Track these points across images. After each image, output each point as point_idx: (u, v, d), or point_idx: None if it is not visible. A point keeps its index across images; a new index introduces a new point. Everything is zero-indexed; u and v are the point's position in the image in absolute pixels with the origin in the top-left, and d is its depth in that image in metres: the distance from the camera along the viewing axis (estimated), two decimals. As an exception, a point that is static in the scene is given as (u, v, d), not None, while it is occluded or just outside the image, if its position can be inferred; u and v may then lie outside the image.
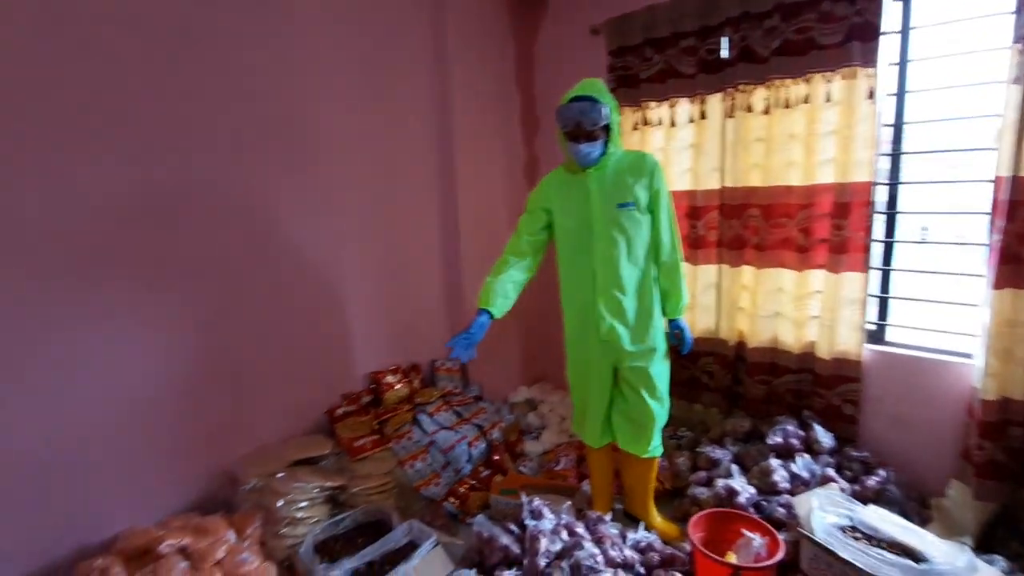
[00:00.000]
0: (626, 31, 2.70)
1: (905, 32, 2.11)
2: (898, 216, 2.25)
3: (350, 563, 1.78)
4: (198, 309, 2.06)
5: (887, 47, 2.09)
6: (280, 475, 2.02)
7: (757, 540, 1.78)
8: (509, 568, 1.76)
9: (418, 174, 2.83)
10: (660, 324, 2.03)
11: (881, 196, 2.22)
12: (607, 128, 1.87)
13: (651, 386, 2.00)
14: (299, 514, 1.96)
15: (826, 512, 1.66)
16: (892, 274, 2.29)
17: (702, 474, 2.30)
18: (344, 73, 2.45)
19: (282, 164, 2.26)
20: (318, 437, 2.35)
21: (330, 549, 1.93)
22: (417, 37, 2.74)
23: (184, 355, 2.03)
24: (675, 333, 2.07)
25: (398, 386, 2.67)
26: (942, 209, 2.56)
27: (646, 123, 2.69)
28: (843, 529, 1.64)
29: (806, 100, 2.21)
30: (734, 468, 2.20)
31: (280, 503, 1.93)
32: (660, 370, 2.03)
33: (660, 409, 2.03)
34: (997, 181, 1.85)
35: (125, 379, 1.89)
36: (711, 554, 1.72)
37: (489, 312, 1.92)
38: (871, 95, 2.07)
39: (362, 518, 2.08)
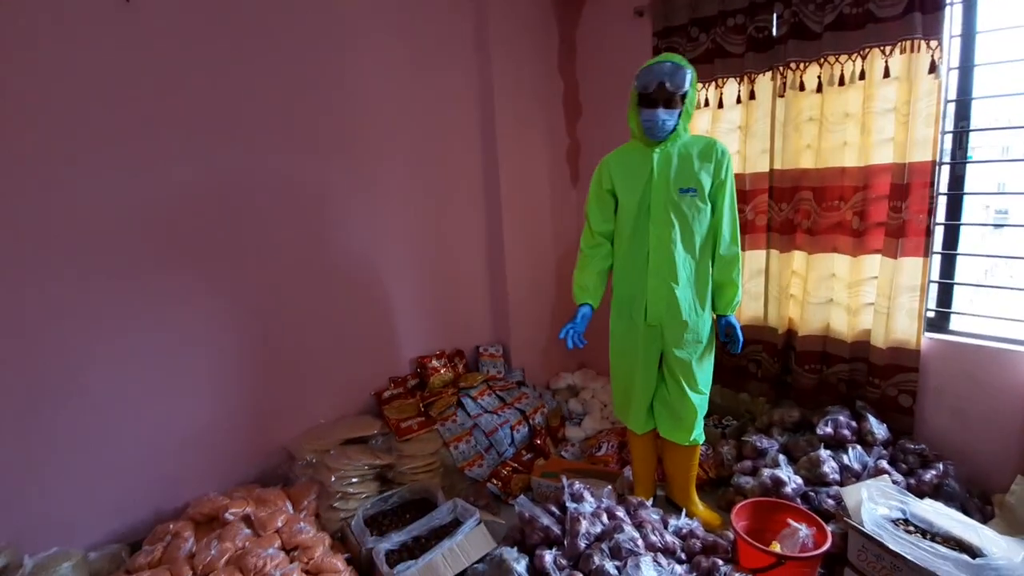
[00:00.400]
0: (671, 11, 2.64)
1: (970, 1, 1.97)
2: (965, 197, 2.12)
3: (398, 537, 1.86)
4: (258, 298, 2.19)
5: (951, 18, 1.96)
6: (333, 452, 2.14)
7: (803, 530, 1.75)
8: (549, 548, 1.79)
9: (462, 162, 2.87)
10: (709, 317, 2.00)
11: (947, 177, 2.10)
12: (684, 101, 1.83)
13: (692, 379, 1.97)
14: (350, 489, 2.06)
15: (877, 504, 1.61)
16: (957, 259, 2.17)
17: (747, 463, 2.27)
18: (390, 62, 2.50)
19: (332, 156, 2.35)
20: (367, 418, 2.46)
21: (379, 523, 2.03)
22: (460, 23, 2.77)
23: (245, 340, 2.16)
24: (725, 330, 2.01)
25: (443, 370, 2.75)
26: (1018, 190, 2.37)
27: (692, 106, 2.63)
28: (895, 522, 1.59)
29: (862, 76, 2.10)
30: (781, 458, 2.15)
31: (333, 479, 2.04)
32: (704, 363, 2.00)
33: (700, 401, 2.01)
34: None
35: (195, 363, 2.04)
36: (754, 542, 1.70)
37: (589, 304, 2.03)
38: (933, 69, 1.95)
39: (409, 495, 2.17)
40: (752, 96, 2.42)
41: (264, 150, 2.14)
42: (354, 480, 2.09)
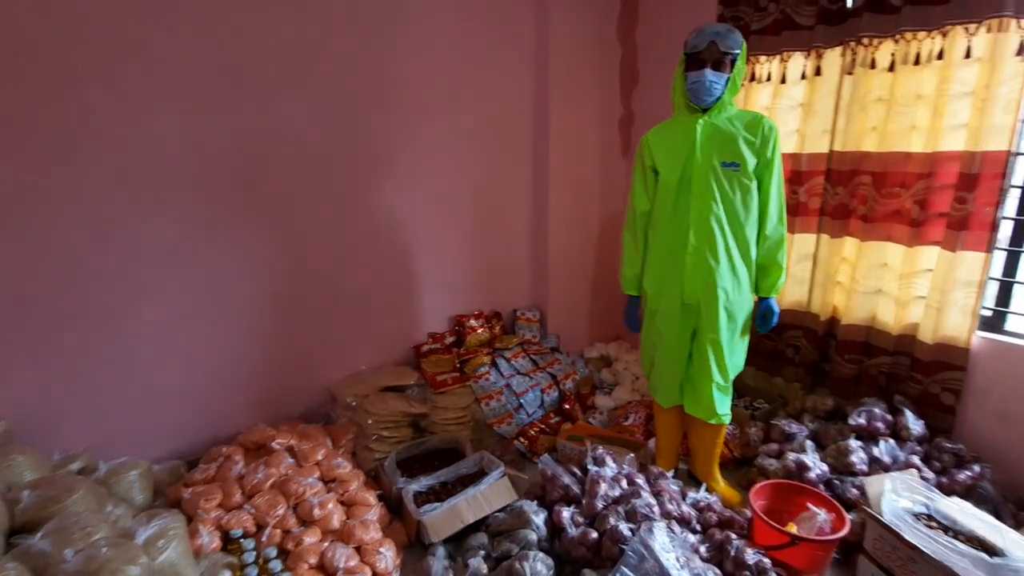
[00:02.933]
0: (740, -23, 2.52)
1: (1078, -26, 1.81)
2: (1040, 192, 1.99)
3: (427, 480, 1.99)
4: (309, 246, 2.31)
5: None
6: (372, 397, 2.27)
7: (822, 515, 1.77)
8: (568, 505, 1.88)
9: (512, 125, 2.88)
10: (749, 299, 1.97)
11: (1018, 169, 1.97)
12: (732, 67, 1.80)
13: (723, 360, 1.97)
14: (385, 433, 2.20)
15: (899, 496, 1.60)
16: (1023, 257, 2.05)
17: (774, 446, 2.27)
18: (442, 19, 2.51)
19: (384, 113, 2.41)
20: (406, 368, 2.59)
21: (410, 467, 2.16)
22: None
23: (296, 286, 2.30)
24: (763, 313, 1.99)
25: (480, 330, 2.84)
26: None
27: (753, 79, 2.54)
28: (917, 515, 1.58)
29: (940, 56, 1.97)
30: (809, 444, 2.14)
31: (370, 421, 2.18)
32: (738, 346, 2.00)
33: (723, 381, 2.00)
34: None
35: (249, 303, 2.20)
36: (771, 521, 1.73)
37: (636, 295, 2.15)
38: (1021, 51, 1.81)
39: (439, 444, 2.29)
40: (818, 72, 2.31)
41: (321, 104, 2.23)
42: (390, 425, 2.22)
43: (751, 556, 1.66)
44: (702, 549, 1.74)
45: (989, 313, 2.12)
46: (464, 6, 2.56)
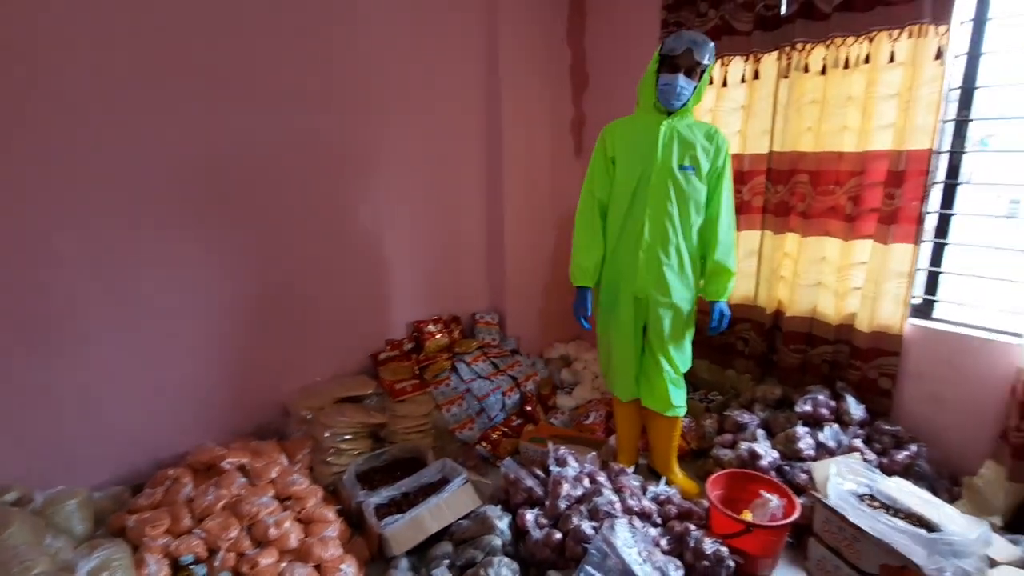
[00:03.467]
0: (682, -17, 2.60)
1: (986, -15, 1.95)
2: (958, 187, 2.14)
3: (388, 492, 1.96)
4: (259, 256, 2.23)
5: (961, 3, 1.94)
6: (328, 410, 2.21)
7: (774, 501, 1.84)
8: (532, 508, 1.88)
9: (465, 129, 2.87)
10: (694, 295, 2.05)
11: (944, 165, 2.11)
12: (700, 77, 1.88)
13: (668, 353, 2.04)
14: (343, 446, 2.15)
15: (844, 479, 1.68)
16: (947, 248, 2.20)
17: (728, 436, 2.34)
18: (396, 26, 2.48)
19: (334, 119, 2.35)
20: (363, 378, 2.53)
21: (370, 479, 2.12)
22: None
23: (244, 297, 2.22)
24: (716, 316, 2.03)
25: (439, 335, 2.81)
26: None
27: (697, 82, 2.62)
28: (860, 496, 1.67)
29: (867, 60, 2.09)
30: (760, 433, 2.23)
31: (327, 434, 2.12)
32: (685, 339, 2.07)
33: (679, 374, 2.08)
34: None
35: (195, 317, 2.10)
36: (726, 510, 1.79)
37: (588, 286, 2.11)
38: (939, 56, 1.94)
39: (400, 454, 2.26)
40: (756, 76, 2.41)
41: (269, 112, 2.16)
42: (347, 437, 2.17)
43: (709, 546, 1.71)
44: (663, 542, 1.78)
45: (919, 301, 2.25)
46: (414, 17, 2.54)
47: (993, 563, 1.43)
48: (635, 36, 2.87)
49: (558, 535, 1.74)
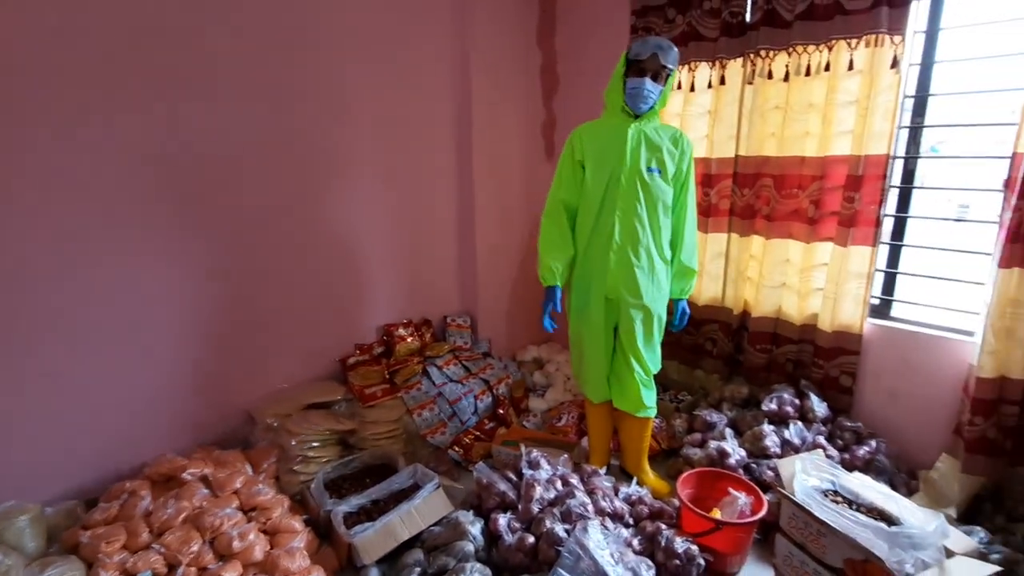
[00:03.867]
0: (650, -10, 2.64)
1: (937, -2, 2.04)
2: (913, 191, 2.22)
3: (357, 500, 1.91)
4: (223, 259, 2.16)
5: (916, 14, 2.02)
6: (294, 417, 2.16)
7: (742, 498, 1.87)
8: (504, 512, 1.87)
9: (435, 131, 2.84)
10: (664, 296, 2.08)
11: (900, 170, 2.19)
12: (666, 81, 1.92)
13: (639, 353, 2.06)
14: (311, 453, 2.10)
15: (809, 475, 1.72)
16: (903, 249, 2.28)
17: (697, 436, 2.38)
18: (364, 26, 2.45)
19: (300, 120, 2.30)
20: (331, 383, 2.48)
21: (339, 487, 2.07)
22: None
23: (207, 301, 2.14)
24: (681, 315, 2.14)
25: (409, 339, 2.77)
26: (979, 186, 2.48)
27: (665, 87, 2.66)
28: (824, 492, 1.71)
29: (827, 68, 2.16)
30: (728, 432, 2.27)
31: (293, 442, 2.07)
32: (656, 340, 2.09)
33: (650, 375, 2.11)
34: (1015, 158, 1.81)
35: (155, 321, 2.02)
36: (696, 509, 1.81)
37: (558, 285, 2.08)
38: (895, 64, 2.01)
39: (370, 460, 2.21)
40: (723, 82, 2.46)
41: (234, 112, 2.10)
42: (315, 444, 2.12)
43: (680, 545, 1.73)
44: (635, 542, 1.80)
45: (877, 302, 2.33)
46: (383, 16, 2.51)
47: (950, 553, 1.48)
48: (604, 40, 2.90)
49: (531, 539, 1.73)
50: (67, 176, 1.76)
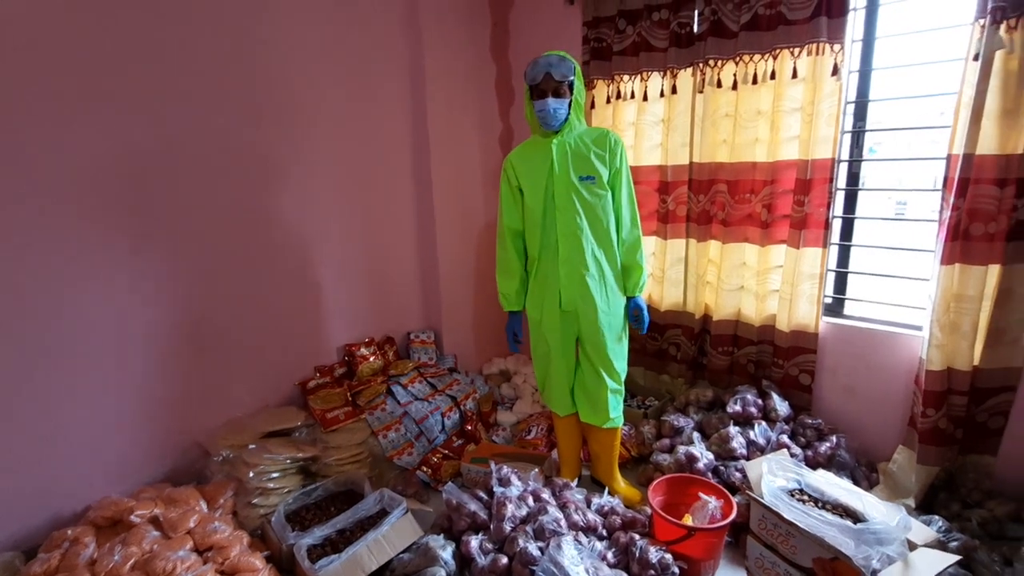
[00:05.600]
0: (600, 2, 2.67)
1: (872, 9, 2.12)
2: (861, 192, 2.31)
3: (321, 531, 1.83)
4: (170, 281, 2.05)
5: (853, 24, 2.10)
6: (251, 447, 2.06)
7: (712, 503, 1.88)
8: (476, 533, 1.82)
9: (392, 145, 2.80)
10: (621, 301, 2.09)
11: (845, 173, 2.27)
12: (571, 90, 1.92)
13: (607, 362, 2.05)
14: (271, 484, 2.00)
15: (775, 476, 1.74)
16: (852, 249, 2.36)
17: (665, 441, 2.39)
18: (318, 39, 2.40)
19: (255, 135, 2.22)
20: (291, 409, 2.38)
21: (302, 518, 1.98)
22: (390, 3, 2.67)
23: (154, 327, 2.03)
24: (633, 312, 2.12)
25: (372, 358, 2.70)
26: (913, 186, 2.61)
27: (619, 96, 2.69)
28: (791, 492, 1.73)
29: (772, 76, 2.22)
30: (696, 435, 2.29)
31: (251, 474, 1.97)
32: (618, 347, 2.09)
33: (616, 385, 2.10)
34: (950, 159, 1.90)
35: (96, 351, 1.89)
36: (667, 516, 1.81)
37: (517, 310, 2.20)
38: (836, 72, 2.09)
39: (334, 488, 2.13)
40: (674, 91, 2.50)
41: (178, 124, 2.00)
42: (275, 475, 2.02)
43: (654, 554, 1.72)
44: (609, 555, 1.78)
45: (830, 301, 2.40)
46: (337, 30, 2.46)
47: (912, 546, 1.52)
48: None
49: (504, 560, 1.69)
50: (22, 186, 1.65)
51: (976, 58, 1.79)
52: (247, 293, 2.29)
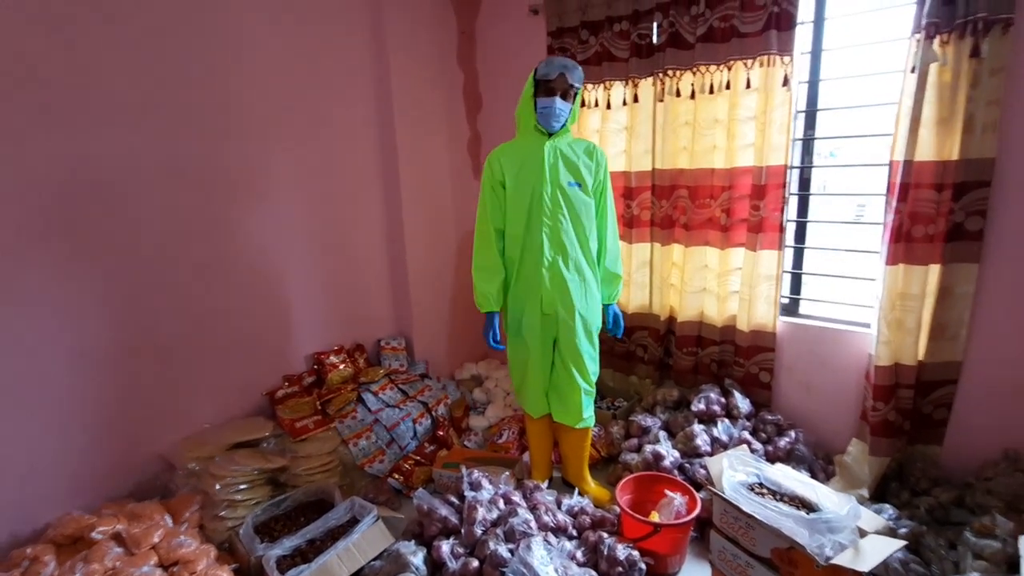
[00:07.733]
0: (564, 12, 2.73)
1: (819, 22, 2.23)
2: (810, 197, 2.42)
3: (291, 541, 1.82)
4: (131, 291, 2.01)
5: (802, 37, 2.20)
6: (218, 459, 2.03)
7: (677, 499, 1.94)
8: (447, 538, 1.84)
9: (360, 152, 2.80)
10: (598, 306, 2.14)
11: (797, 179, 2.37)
12: (574, 99, 1.99)
13: (583, 365, 2.10)
14: (238, 496, 1.98)
15: (736, 471, 1.81)
16: (809, 251, 2.47)
17: (633, 441, 2.45)
18: (281, 51, 2.39)
19: (217, 142, 2.20)
20: (258, 419, 2.35)
21: (271, 529, 1.97)
22: (355, 11, 2.68)
23: (114, 338, 1.98)
24: (613, 319, 2.21)
25: (342, 366, 2.69)
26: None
27: (583, 104, 2.75)
28: (751, 487, 1.79)
29: (728, 86, 2.31)
30: (662, 434, 2.35)
31: (218, 487, 1.94)
32: (592, 350, 2.13)
33: (589, 387, 2.14)
34: (892, 165, 2.01)
35: (54, 363, 1.84)
36: (634, 514, 1.86)
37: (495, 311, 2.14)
38: (786, 82, 2.19)
39: (304, 498, 2.12)
40: (636, 99, 2.58)
41: (142, 134, 1.98)
42: (242, 487, 2.00)
43: (622, 552, 1.76)
44: (579, 554, 1.81)
45: (787, 301, 2.50)
46: (300, 38, 2.46)
47: (863, 533, 1.59)
48: (524, 60, 2.96)
49: (475, 563, 1.71)
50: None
51: (913, 70, 1.90)
52: (209, 306, 2.26)
